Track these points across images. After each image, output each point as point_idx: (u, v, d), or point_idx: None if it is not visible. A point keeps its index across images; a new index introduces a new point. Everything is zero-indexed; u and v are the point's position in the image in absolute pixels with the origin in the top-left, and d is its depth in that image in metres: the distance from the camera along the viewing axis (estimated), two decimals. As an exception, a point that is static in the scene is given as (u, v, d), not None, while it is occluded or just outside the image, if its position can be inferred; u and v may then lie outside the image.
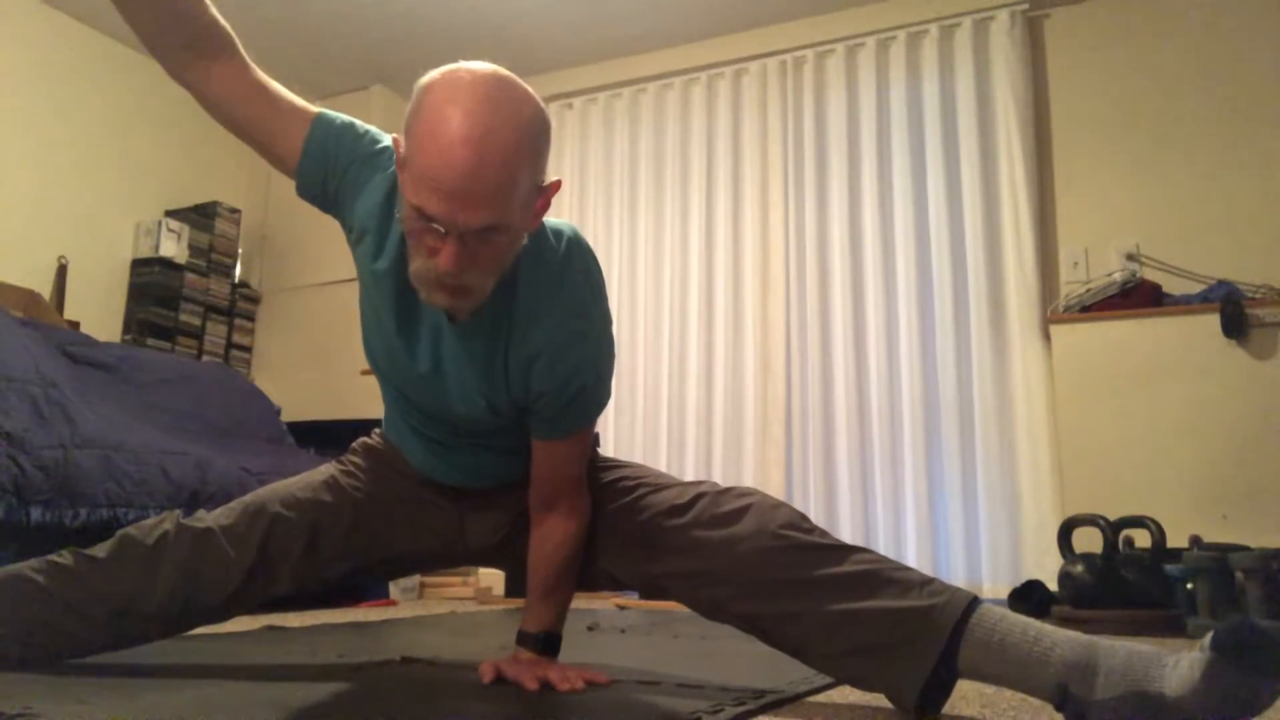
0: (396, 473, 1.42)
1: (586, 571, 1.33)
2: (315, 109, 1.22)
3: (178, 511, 1.40)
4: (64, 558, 1.33)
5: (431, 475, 1.39)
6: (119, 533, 1.37)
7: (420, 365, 1.24)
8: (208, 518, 1.39)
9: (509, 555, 1.43)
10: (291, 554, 1.36)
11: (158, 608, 1.32)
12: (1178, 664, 0.90)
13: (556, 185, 1.12)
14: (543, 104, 1.08)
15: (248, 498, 1.43)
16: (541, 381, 1.20)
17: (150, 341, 3.78)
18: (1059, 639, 0.99)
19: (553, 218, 1.23)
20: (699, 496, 1.23)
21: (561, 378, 1.19)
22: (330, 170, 1.20)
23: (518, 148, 1.01)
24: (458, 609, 2.96)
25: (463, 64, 1.05)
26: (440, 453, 1.36)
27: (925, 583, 1.09)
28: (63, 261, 3.70)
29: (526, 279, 1.17)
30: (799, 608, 1.11)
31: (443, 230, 1.02)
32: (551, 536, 1.27)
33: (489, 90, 1.01)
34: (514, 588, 3.44)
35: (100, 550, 1.35)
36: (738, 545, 1.15)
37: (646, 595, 1.33)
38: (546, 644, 1.30)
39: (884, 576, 1.09)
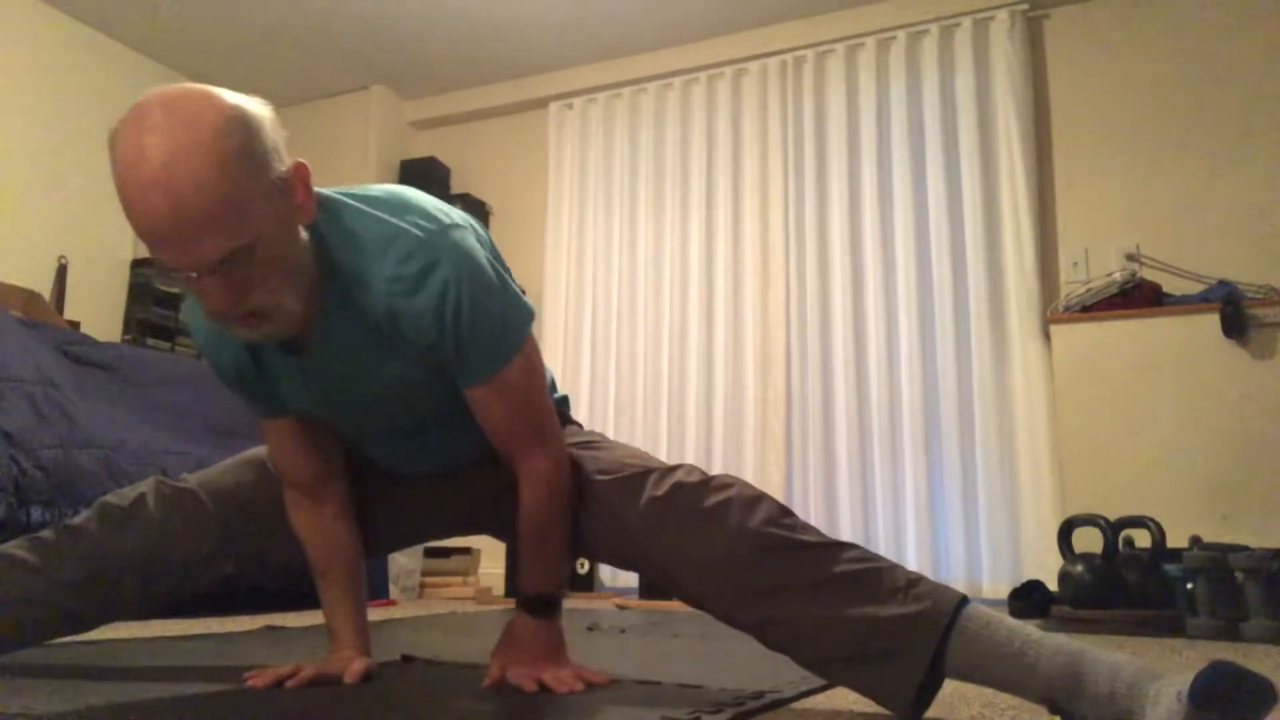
0: None
1: (576, 554, 1.31)
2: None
3: (157, 475, 1.41)
4: (46, 534, 1.35)
5: (393, 468, 1.37)
6: (98, 500, 1.38)
7: (306, 402, 1.22)
8: (190, 478, 1.39)
9: (493, 522, 1.40)
10: (270, 505, 1.35)
11: (136, 565, 1.33)
12: (1157, 699, 0.88)
13: (299, 166, 1.04)
14: (236, 101, 0.98)
15: (236, 457, 1.44)
16: (418, 335, 1.11)
17: (150, 341, 3.78)
18: (1043, 651, 0.97)
19: (379, 185, 1.19)
20: (676, 489, 1.16)
21: (430, 322, 1.10)
22: (225, 367, 1.23)
23: (210, 164, 0.92)
24: (458, 609, 2.96)
25: (142, 98, 0.96)
26: (392, 450, 1.34)
27: (911, 584, 1.06)
28: (63, 261, 3.70)
29: (339, 258, 1.11)
30: (782, 613, 1.08)
31: (191, 274, 0.97)
32: (523, 488, 1.22)
33: (156, 119, 0.93)
34: (514, 588, 3.44)
35: (79, 519, 1.36)
36: (717, 548, 1.11)
37: (625, 569, 1.31)
38: (542, 606, 1.24)
39: (868, 578, 1.06)
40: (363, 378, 1.19)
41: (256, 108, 1.01)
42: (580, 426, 1.43)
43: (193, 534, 1.34)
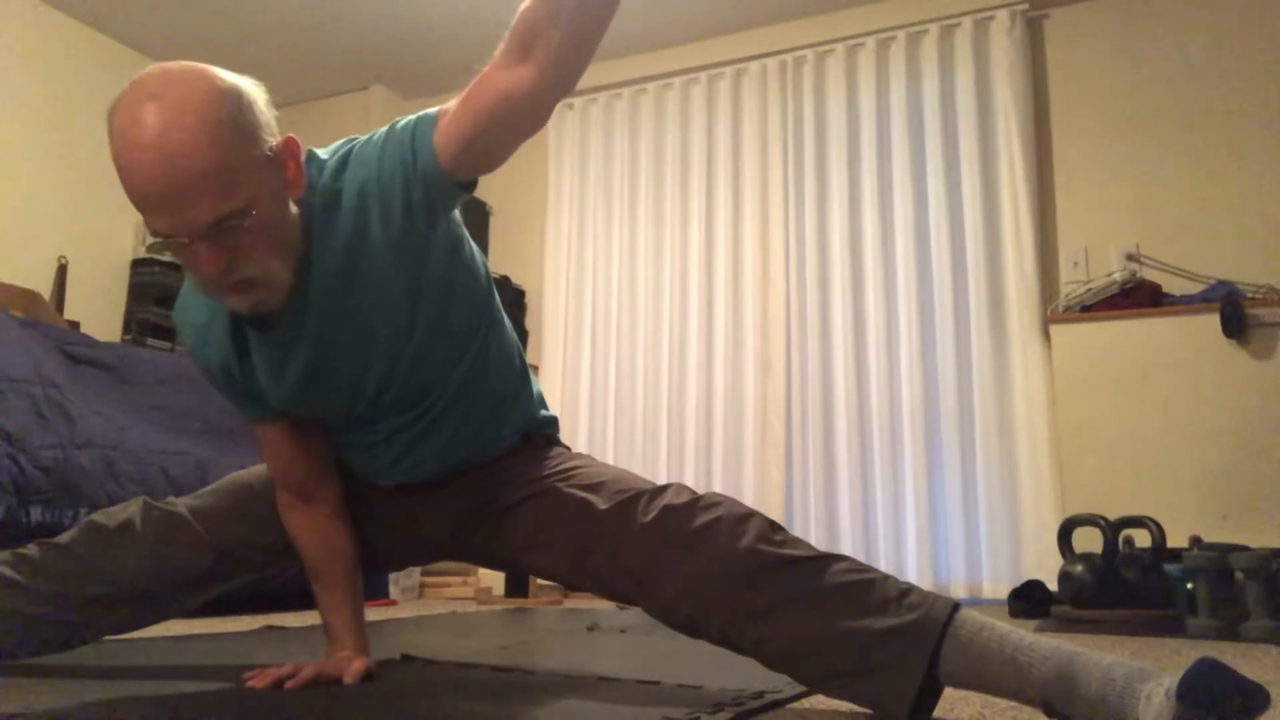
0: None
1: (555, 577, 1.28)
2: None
3: (144, 497, 1.41)
4: (30, 549, 1.35)
5: (375, 479, 1.35)
6: (85, 519, 1.38)
7: (286, 390, 1.21)
8: (178, 501, 1.39)
9: (465, 551, 1.38)
10: (261, 529, 1.36)
11: (128, 589, 1.33)
12: (1150, 699, 0.89)
13: (290, 142, 1.08)
14: (226, 79, 1.02)
15: (221, 481, 1.43)
16: (382, 207, 1.11)
17: (150, 341, 3.78)
18: (1036, 656, 0.97)
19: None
20: (665, 513, 1.15)
21: (371, 152, 1.12)
22: (211, 364, 1.25)
23: (204, 129, 0.96)
24: (458, 609, 2.96)
25: (141, 73, 1.01)
26: (370, 452, 1.31)
27: (903, 595, 1.06)
28: (63, 261, 3.70)
29: (314, 218, 1.13)
30: (776, 631, 1.07)
31: (184, 239, 0.99)
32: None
33: (153, 90, 0.97)
34: (514, 588, 3.44)
35: (65, 538, 1.35)
36: (707, 568, 1.10)
37: (621, 604, 1.26)
38: None
39: (860, 591, 1.06)
40: (338, 344, 1.17)
41: (249, 86, 1.05)
42: (568, 449, 1.41)
43: (183, 557, 1.34)
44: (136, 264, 3.93)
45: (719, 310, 3.77)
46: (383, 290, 1.15)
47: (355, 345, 1.18)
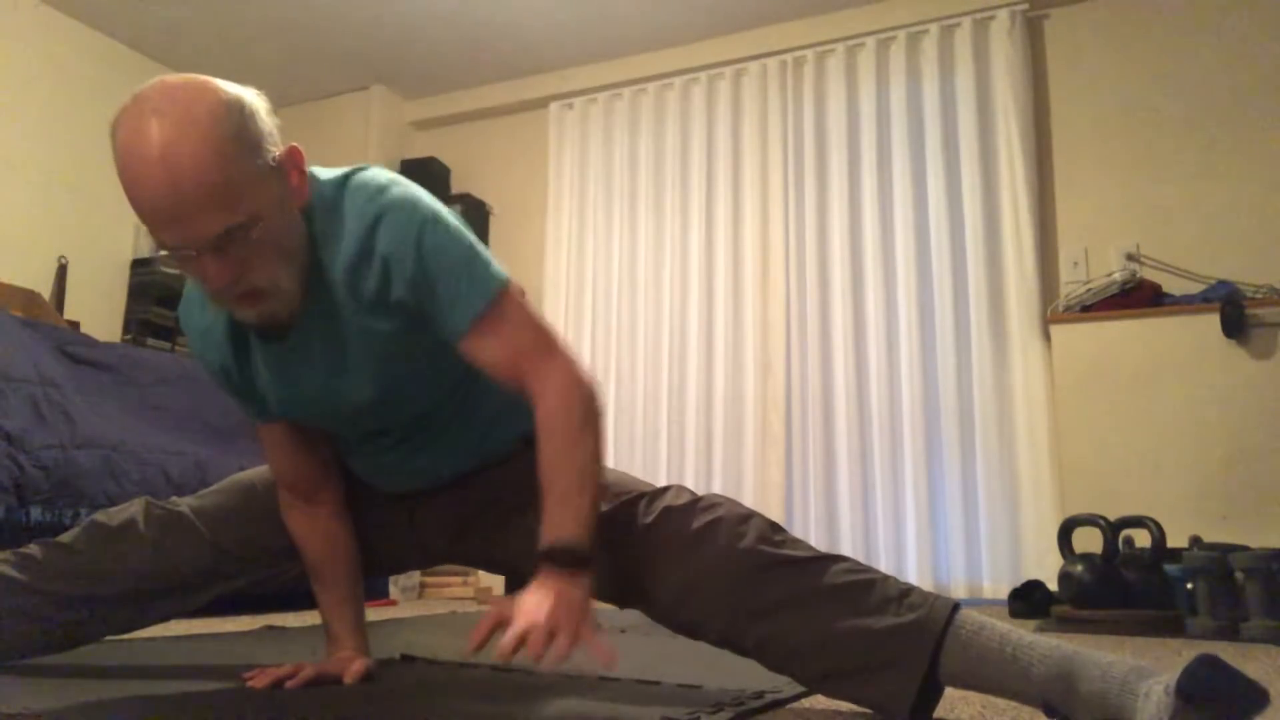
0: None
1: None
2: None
3: (146, 496, 1.41)
4: (32, 549, 1.35)
5: (377, 484, 1.36)
6: (87, 519, 1.39)
7: (286, 399, 1.22)
8: (180, 501, 1.40)
9: (465, 554, 1.39)
10: (264, 530, 1.36)
11: (130, 589, 1.33)
12: (1148, 695, 0.89)
13: (293, 151, 1.09)
14: (228, 91, 1.03)
15: (224, 481, 1.44)
16: (393, 284, 1.11)
17: (150, 341, 3.78)
18: (1035, 655, 0.98)
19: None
20: (665, 514, 1.15)
21: (398, 254, 1.10)
22: (212, 365, 1.25)
23: (207, 144, 0.97)
24: (458, 609, 2.96)
25: (143, 86, 1.01)
26: (371, 458, 1.32)
27: (903, 594, 1.06)
28: (63, 261, 3.70)
29: (321, 229, 1.14)
30: (777, 631, 1.07)
31: (191, 252, 1.00)
32: (537, 411, 1.14)
33: (156, 105, 0.98)
34: (514, 588, 3.44)
35: (68, 537, 1.36)
36: (707, 569, 1.10)
37: (621, 606, 1.26)
38: (566, 559, 1.07)
39: (861, 590, 1.06)
40: (342, 367, 1.17)
41: (251, 96, 1.06)
42: None
43: (185, 556, 1.35)
44: (136, 264, 3.93)
45: (719, 310, 3.77)
46: (385, 326, 1.15)
47: (358, 367, 1.18)
